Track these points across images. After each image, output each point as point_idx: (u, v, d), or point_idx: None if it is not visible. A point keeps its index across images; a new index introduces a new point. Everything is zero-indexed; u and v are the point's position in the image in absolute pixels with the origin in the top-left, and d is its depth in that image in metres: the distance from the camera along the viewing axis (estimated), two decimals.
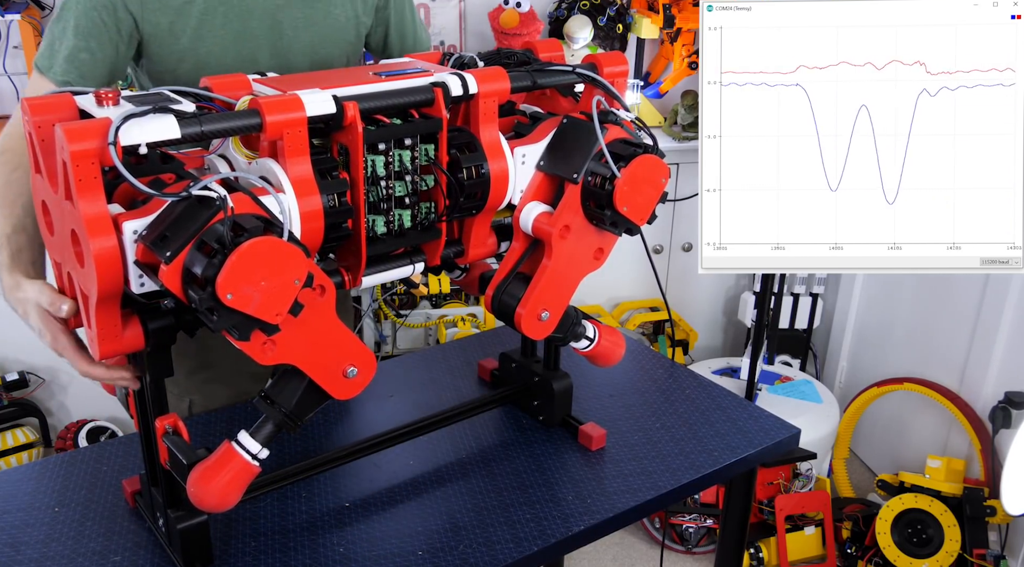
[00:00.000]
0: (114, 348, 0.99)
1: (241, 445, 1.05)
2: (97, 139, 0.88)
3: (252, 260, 0.87)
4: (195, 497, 1.03)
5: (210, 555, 1.14)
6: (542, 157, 1.22)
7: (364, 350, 1.07)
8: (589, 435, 1.40)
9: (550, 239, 1.19)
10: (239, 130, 0.97)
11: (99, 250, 0.89)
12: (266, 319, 0.90)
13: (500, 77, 1.15)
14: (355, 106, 1.03)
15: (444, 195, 1.13)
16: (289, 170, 1.00)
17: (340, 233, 1.06)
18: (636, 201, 1.17)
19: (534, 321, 1.22)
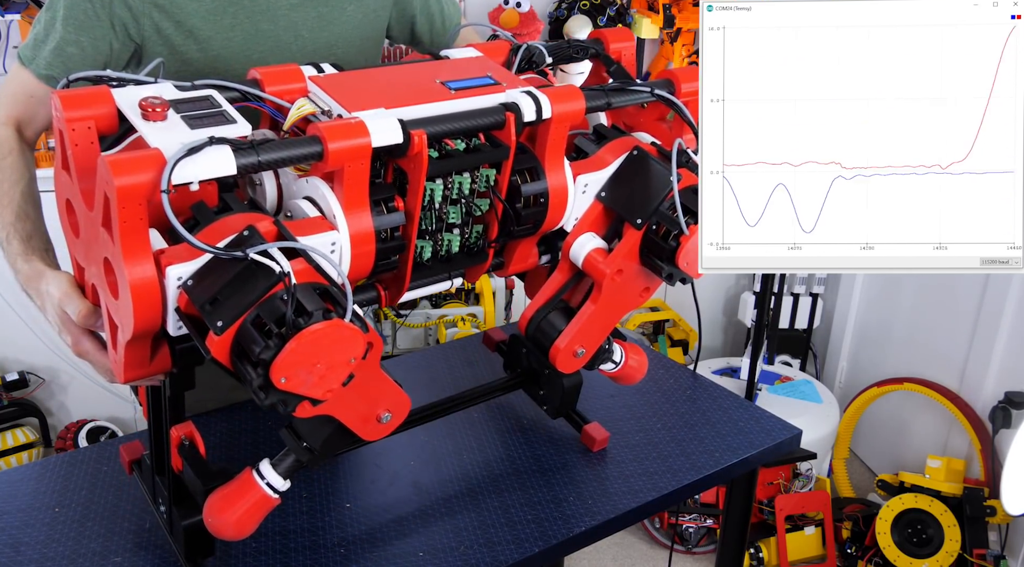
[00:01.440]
0: (140, 374, 0.95)
1: (262, 476, 1.02)
2: (147, 175, 0.81)
3: (312, 347, 0.81)
4: (212, 527, 1.01)
5: (212, 550, 1.14)
6: (604, 188, 1.15)
7: (400, 395, 1.02)
8: (592, 437, 1.40)
9: (602, 280, 1.13)
10: (299, 160, 0.91)
11: (139, 299, 0.83)
12: (316, 397, 0.86)
13: (575, 97, 1.08)
14: (423, 135, 0.96)
15: (498, 220, 1.08)
16: (345, 203, 0.94)
17: (389, 263, 1.01)
18: (695, 255, 1.10)
19: (570, 357, 1.18)
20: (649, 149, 1.17)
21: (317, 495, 1.29)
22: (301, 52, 1.41)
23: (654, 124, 1.25)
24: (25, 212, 1.21)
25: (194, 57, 1.34)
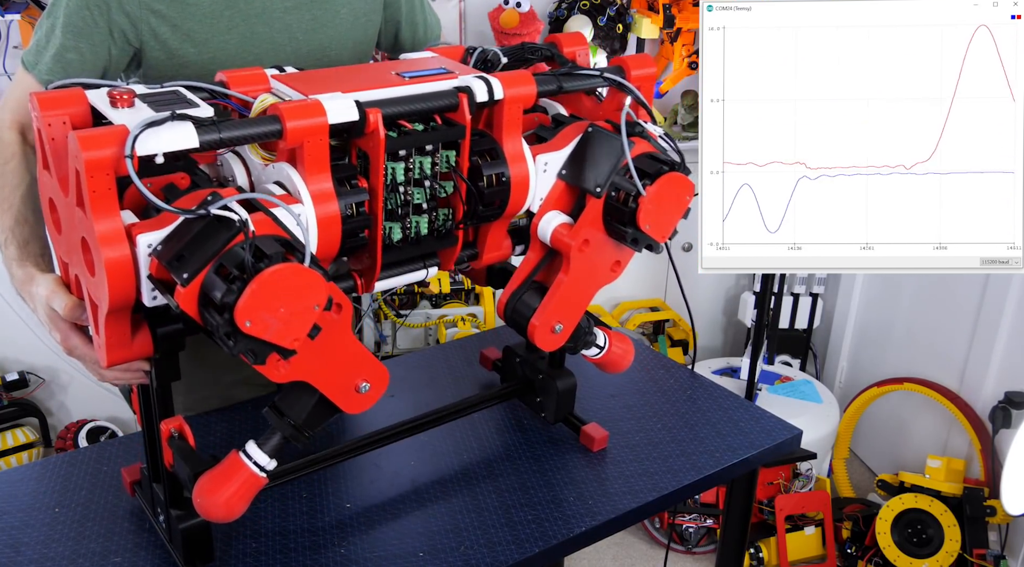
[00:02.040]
0: (123, 356, 0.98)
1: (249, 456, 1.03)
2: (113, 148, 0.85)
3: (272, 288, 0.84)
4: (201, 508, 1.02)
5: (211, 553, 1.14)
6: (564, 166, 1.18)
7: (377, 365, 1.05)
8: (591, 436, 1.40)
9: (569, 252, 1.16)
10: (259, 137, 0.95)
11: (112, 266, 0.87)
12: (284, 345, 0.88)
13: (526, 81, 1.12)
14: (378, 113, 1.00)
15: (463, 202, 1.11)
16: (308, 178, 0.97)
17: (357, 242, 1.04)
18: (659, 219, 1.14)
19: (547, 333, 1.21)
20: (605, 126, 1.21)
21: (317, 495, 1.29)
22: (295, 54, 1.43)
23: (613, 115, 1.27)
24: (24, 217, 1.23)
25: (191, 59, 1.37)
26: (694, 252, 3.32)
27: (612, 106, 1.25)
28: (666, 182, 1.13)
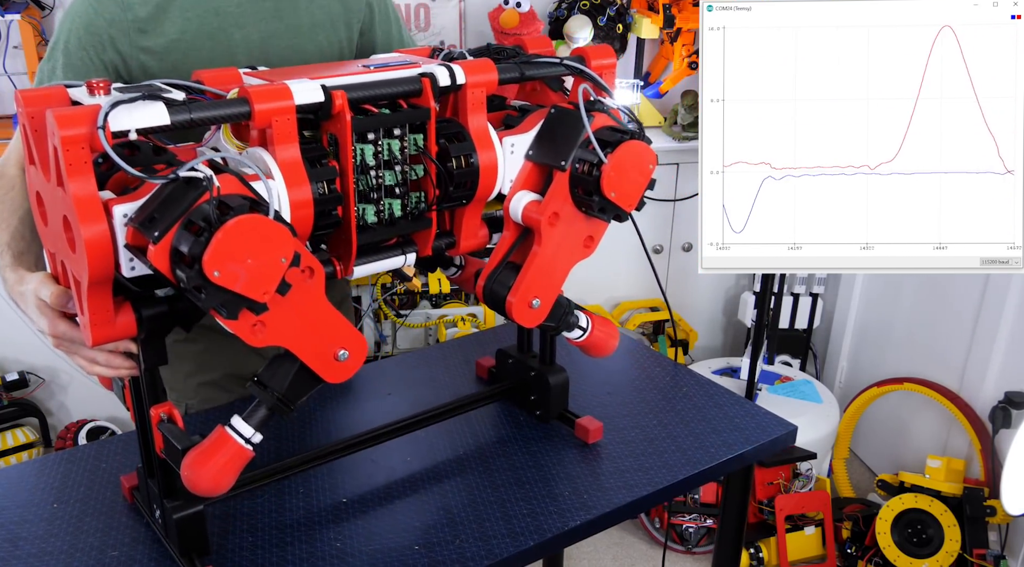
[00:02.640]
0: (107, 334, 1.00)
1: (234, 429, 1.05)
2: (87, 124, 0.89)
3: (238, 237, 0.88)
4: (189, 481, 1.03)
5: (207, 546, 1.14)
6: (531, 147, 1.22)
7: (355, 333, 1.08)
8: (586, 428, 1.40)
9: (539, 226, 1.20)
10: (228, 118, 0.98)
11: (89, 232, 0.90)
12: (253, 297, 0.91)
13: (488, 68, 1.16)
14: (343, 95, 1.04)
15: (434, 184, 1.14)
16: (278, 157, 1.01)
17: (330, 221, 1.07)
18: (624, 187, 1.18)
19: (525, 309, 1.23)
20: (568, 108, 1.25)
21: (314, 491, 1.29)
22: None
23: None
24: (21, 234, 1.28)
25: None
26: (694, 252, 3.33)
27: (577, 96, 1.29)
28: (626, 150, 1.17)
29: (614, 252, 1.91)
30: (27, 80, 2.75)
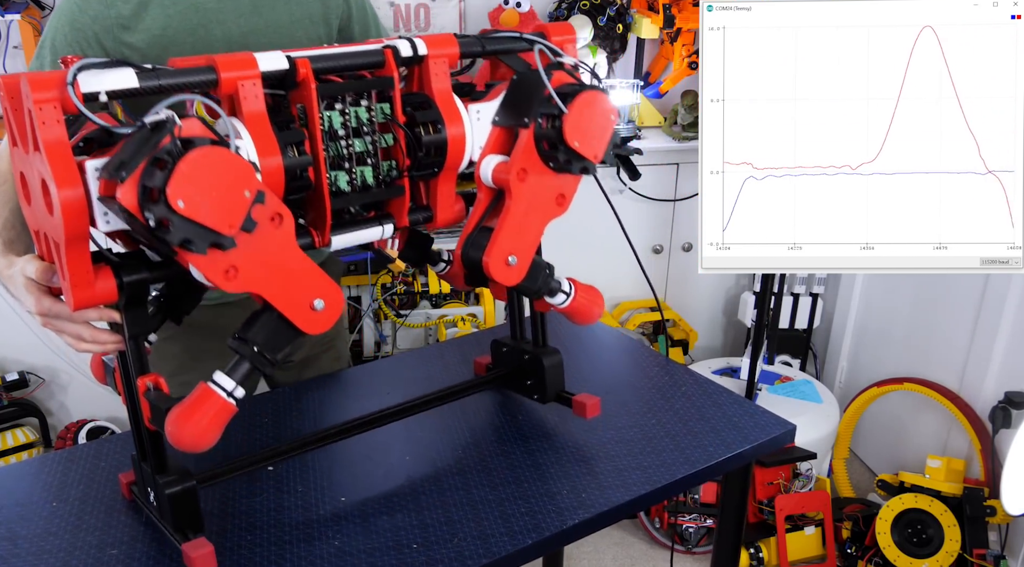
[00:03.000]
0: (87, 296, 1.02)
1: (216, 384, 1.07)
2: (59, 87, 0.93)
3: (200, 167, 0.91)
4: (173, 436, 1.04)
5: (200, 522, 1.15)
6: (496, 113, 1.26)
7: (330, 283, 1.10)
8: (583, 403, 1.42)
9: (509, 184, 1.23)
10: (196, 84, 1.02)
11: (62, 181, 0.92)
12: (219, 229, 0.94)
13: (449, 41, 1.21)
14: (307, 63, 1.09)
15: (403, 151, 1.18)
16: (247, 121, 1.04)
17: (301, 184, 1.09)
18: (587, 137, 1.21)
19: (502, 266, 1.25)
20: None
21: (312, 489, 1.29)
22: None
23: None
24: (12, 223, 1.30)
25: None
26: (694, 252, 3.33)
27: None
28: (584, 99, 1.19)
29: (614, 252, 1.91)
30: None
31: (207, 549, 1.10)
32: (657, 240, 3.29)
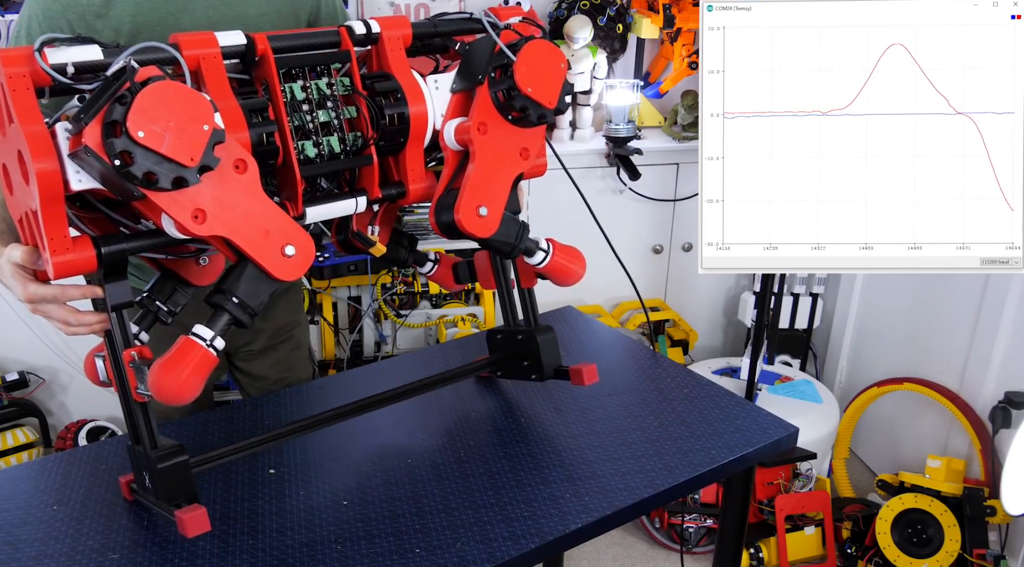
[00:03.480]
0: (67, 265, 1.03)
1: (197, 335, 1.08)
2: (28, 62, 0.98)
3: (158, 98, 0.95)
4: (156, 387, 1.05)
5: (194, 494, 1.15)
6: (453, 81, 1.30)
7: (299, 230, 1.13)
8: (579, 371, 1.43)
9: (471, 138, 1.26)
10: (158, 61, 1.05)
11: (31, 133, 0.95)
12: (180, 161, 0.97)
13: (402, 23, 1.27)
14: (265, 39, 1.15)
15: (367, 121, 1.22)
16: (211, 93, 1.08)
17: (268, 148, 1.13)
18: (539, 83, 1.25)
19: (474, 217, 1.27)
20: None
21: (314, 493, 1.29)
22: None
23: None
24: (3, 216, 1.31)
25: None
26: (694, 252, 3.33)
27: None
28: (532, 47, 1.25)
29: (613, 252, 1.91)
30: None
31: (199, 511, 1.10)
32: (657, 240, 3.29)
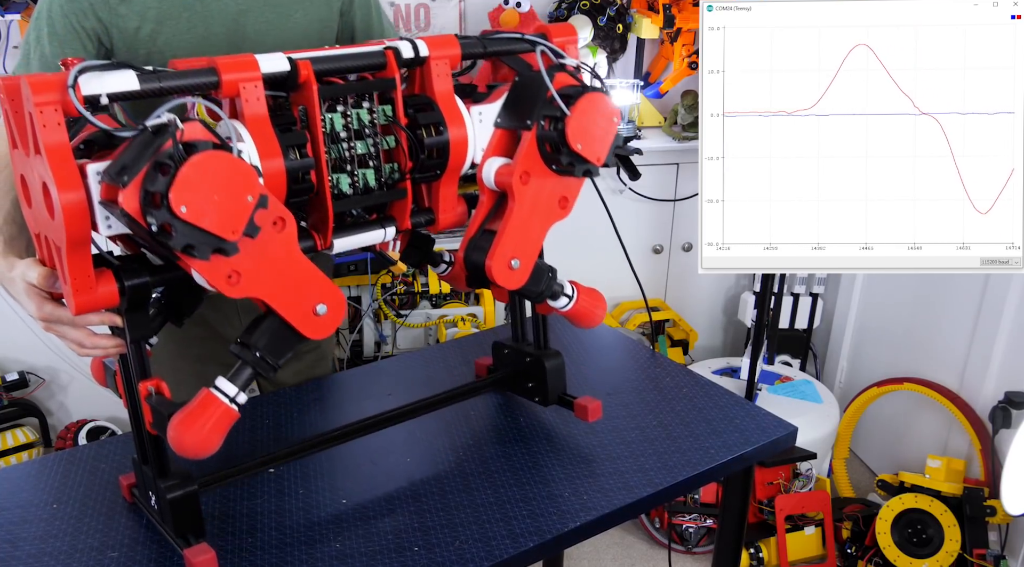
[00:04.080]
0: (89, 301, 1.01)
1: (219, 390, 1.06)
2: (60, 90, 0.91)
3: (203, 171, 0.90)
4: (175, 442, 1.03)
5: (201, 526, 1.14)
6: (499, 115, 1.25)
7: (333, 288, 1.09)
8: (584, 407, 1.42)
9: (511, 186, 1.22)
10: (197, 86, 1.01)
11: (63, 184, 0.92)
12: (222, 235, 0.93)
13: (451, 43, 1.20)
14: (308, 65, 1.07)
15: (406, 154, 1.16)
16: (248, 124, 1.03)
17: (303, 187, 1.08)
18: (589, 139, 1.20)
19: (505, 269, 1.24)
20: None
21: (313, 491, 1.29)
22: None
23: None
24: (13, 217, 1.28)
25: (150, 60, 1.44)
26: (694, 252, 3.33)
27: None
28: (587, 101, 1.18)
29: (614, 252, 1.91)
30: None
31: (209, 555, 1.09)
32: (657, 240, 3.29)
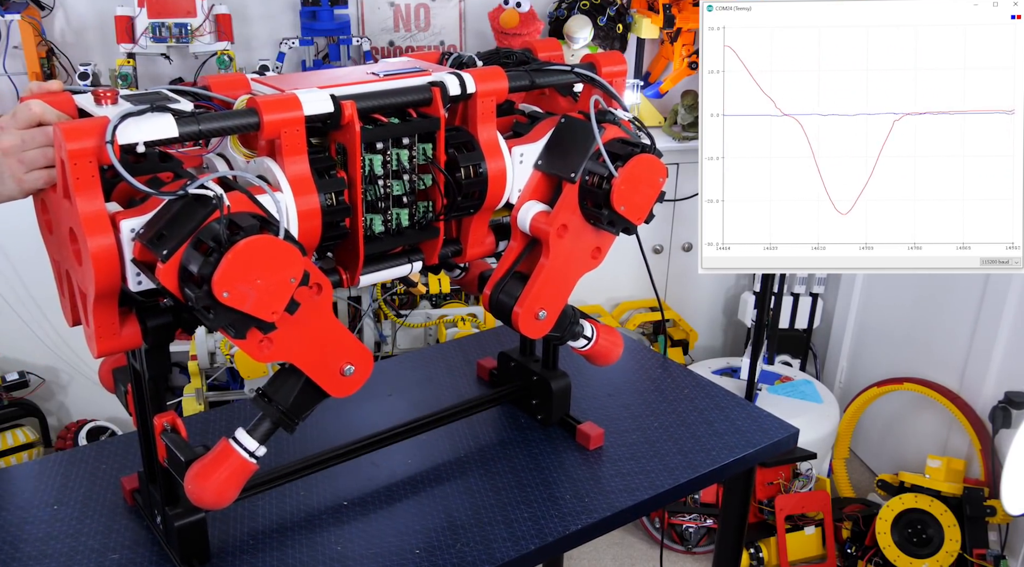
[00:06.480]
0: (112, 345, 0.99)
1: (238, 443, 1.05)
2: (95, 138, 0.88)
3: (248, 258, 0.87)
4: (192, 494, 1.03)
5: (207, 553, 1.14)
6: (540, 156, 1.22)
7: (361, 348, 1.07)
8: (587, 434, 1.40)
9: (547, 238, 1.19)
10: (237, 129, 0.97)
11: (96, 248, 0.89)
12: (262, 317, 0.90)
13: (498, 76, 1.15)
14: (352, 105, 1.03)
15: (442, 194, 1.13)
16: (287, 169, 1.00)
17: (338, 232, 1.06)
18: (633, 200, 1.17)
19: (531, 320, 1.22)
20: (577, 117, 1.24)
21: (314, 494, 1.29)
22: None
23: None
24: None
25: None
26: (694, 252, 3.33)
27: (587, 104, 1.28)
28: (637, 163, 1.15)
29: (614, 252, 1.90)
30: (27, 80, 2.74)
31: None
32: (657, 240, 3.29)
